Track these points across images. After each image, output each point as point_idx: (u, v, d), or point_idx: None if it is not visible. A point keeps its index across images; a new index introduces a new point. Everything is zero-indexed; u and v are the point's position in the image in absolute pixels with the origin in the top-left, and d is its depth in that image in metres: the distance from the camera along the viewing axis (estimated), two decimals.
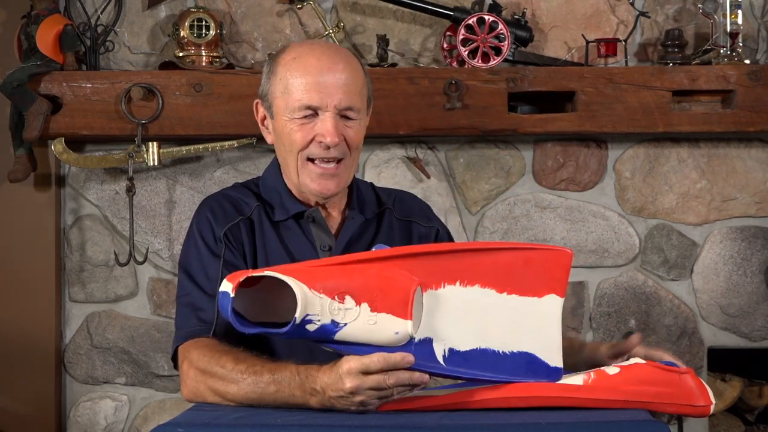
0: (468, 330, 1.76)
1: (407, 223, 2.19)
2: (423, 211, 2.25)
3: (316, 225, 2.09)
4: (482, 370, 1.75)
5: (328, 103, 2.00)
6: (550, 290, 1.79)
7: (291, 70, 2.02)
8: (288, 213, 2.09)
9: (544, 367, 1.78)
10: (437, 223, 2.24)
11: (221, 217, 2.08)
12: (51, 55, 2.93)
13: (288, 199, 2.11)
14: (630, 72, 2.99)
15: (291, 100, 2.01)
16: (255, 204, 2.11)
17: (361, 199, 2.15)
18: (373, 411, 1.74)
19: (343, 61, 2.03)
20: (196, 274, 2.04)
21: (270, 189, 2.13)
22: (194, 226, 2.10)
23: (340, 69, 2.01)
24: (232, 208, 2.10)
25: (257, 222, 2.09)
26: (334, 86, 2.00)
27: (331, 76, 2.00)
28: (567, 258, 1.80)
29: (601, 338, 3.16)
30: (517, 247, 1.84)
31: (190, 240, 2.10)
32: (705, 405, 1.81)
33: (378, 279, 1.72)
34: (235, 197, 2.12)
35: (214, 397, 1.88)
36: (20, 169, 2.98)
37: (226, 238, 2.05)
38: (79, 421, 3.13)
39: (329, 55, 2.03)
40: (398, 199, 2.23)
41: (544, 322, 1.79)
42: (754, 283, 3.17)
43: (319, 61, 2.01)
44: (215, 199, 2.13)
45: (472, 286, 1.77)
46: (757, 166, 3.17)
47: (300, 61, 2.02)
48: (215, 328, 1.98)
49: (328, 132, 2.00)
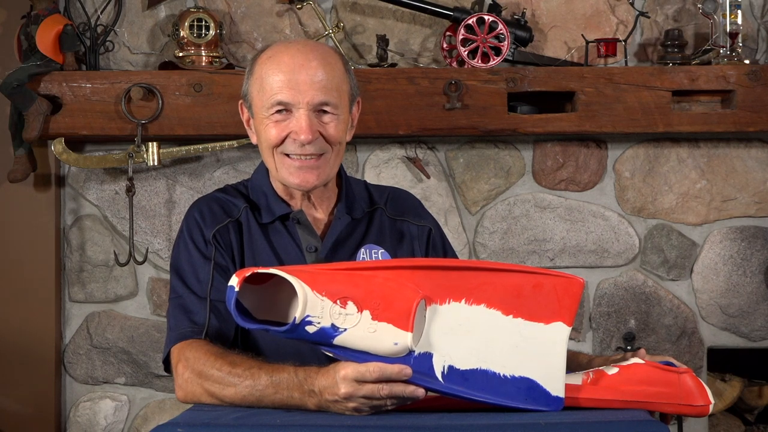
0: (469, 349, 1.74)
1: (399, 222, 2.18)
2: (415, 208, 2.23)
3: (302, 226, 2.08)
4: (480, 391, 1.73)
5: (300, 100, 2.00)
6: (558, 317, 1.77)
7: (265, 69, 2.04)
8: (274, 215, 2.09)
9: (545, 395, 1.76)
10: (429, 221, 2.22)
11: (210, 219, 2.08)
12: (51, 55, 2.93)
13: (274, 200, 2.11)
14: (630, 72, 2.99)
15: (265, 97, 2.03)
16: (243, 206, 2.11)
17: (351, 199, 2.14)
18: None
19: (318, 58, 2.03)
20: (187, 277, 2.05)
21: (257, 190, 2.14)
22: (184, 229, 2.10)
23: (314, 66, 2.01)
24: (220, 210, 2.10)
25: (245, 224, 2.09)
26: (306, 83, 2.00)
27: (303, 73, 2.01)
28: (578, 287, 1.79)
29: (601, 338, 3.16)
30: (528, 270, 1.82)
31: (180, 242, 2.10)
32: (704, 405, 1.81)
33: (382, 288, 1.72)
34: (224, 199, 2.13)
35: (211, 399, 1.88)
36: (20, 169, 2.98)
37: (215, 239, 2.06)
38: (78, 421, 3.13)
39: (304, 52, 2.03)
40: (391, 197, 2.21)
41: (549, 350, 1.77)
42: (754, 283, 3.17)
43: (292, 59, 2.02)
44: (204, 202, 2.14)
45: (478, 305, 1.75)
46: (756, 166, 3.17)
47: (274, 60, 2.03)
48: (207, 330, 1.98)
49: (301, 129, 2.01)
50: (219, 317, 1.98)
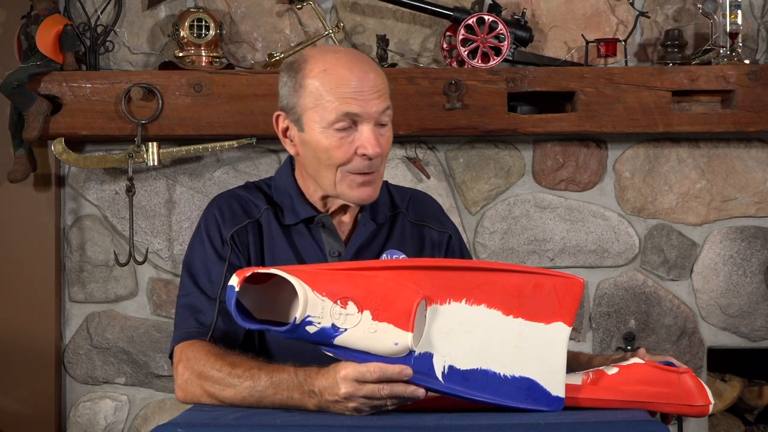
0: (470, 349, 1.74)
1: (420, 227, 2.17)
2: (437, 214, 2.22)
3: (326, 230, 2.07)
4: (481, 391, 1.73)
5: (368, 110, 1.97)
6: (558, 317, 1.77)
7: (324, 81, 1.99)
8: (298, 217, 2.07)
9: (545, 395, 1.76)
10: (450, 227, 2.21)
11: (229, 217, 2.07)
12: (51, 55, 2.93)
13: (299, 202, 2.08)
14: (630, 72, 2.99)
15: (327, 111, 1.98)
16: (264, 207, 2.09)
17: (375, 204, 2.12)
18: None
19: (372, 66, 2.02)
20: (199, 276, 2.04)
21: (281, 191, 2.11)
22: (202, 225, 2.08)
23: (372, 76, 1.99)
24: (240, 210, 2.08)
25: (266, 225, 2.07)
26: (370, 92, 1.98)
27: (366, 83, 1.98)
28: (578, 287, 1.79)
29: (601, 338, 3.16)
30: (528, 270, 1.81)
31: (196, 239, 2.08)
32: (704, 405, 1.81)
33: (383, 288, 1.72)
34: (245, 197, 2.10)
35: (211, 400, 1.88)
36: (20, 170, 2.98)
37: (232, 240, 2.04)
38: (78, 421, 3.13)
39: (358, 62, 2.00)
40: (413, 200, 2.20)
41: (549, 350, 1.77)
42: (754, 283, 3.17)
43: (351, 71, 1.98)
44: (225, 199, 2.11)
45: (478, 305, 1.75)
46: (756, 166, 3.17)
47: (333, 73, 1.99)
48: (213, 332, 1.98)
49: (370, 143, 1.97)
50: (227, 320, 1.96)
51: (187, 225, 3.12)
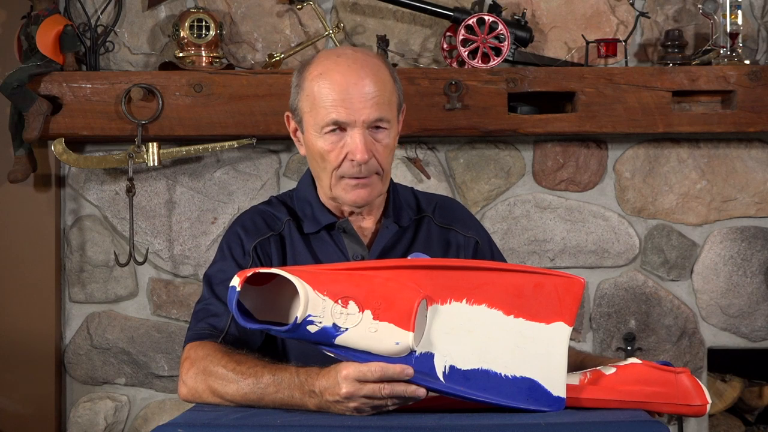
0: (471, 349, 1.74)
1: (446, 230, 2.16)
2: (464, 219, 2.20)
3: (348, 236, 2.07)
4: (482, 391, 1.73)
5: (356, 119, 1.97)
6: (559, 317, 1.77)
7: (317, 86, 1.99)
8: (319, 224, 2.08)
9: (546, 395, 1.75)
10: (476, 232, 2.19)
11: (252, 231, 2.08)
12: (51, 56, 2.93)
13: (319, 210, 2.09)
14: (630, 72, 2.99)
15: (319, 116, 1.99)
16: (286, 219, 2.09)
17: (398, 207, 2.12)
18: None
19: (369, 74, 1.99)
20: (216, 284, 2.04)
21: (302, 200, 2.12)
22: (224, 242, 2.10)
23: (366, 83, 1.97)
24: (263, 224, 2.09)
25: (288, 236, 2.08)
26: (360, 101, 1.97)
27: (357, 91, 1.97)
28: (579, 287, 1.78)
29: (602, 339, 3.16)
30: (529, 270, 1.81)
31: (218, 253, 2.10)
32: (701, 404, 1.81)
33: (384, 288, 1.71)
34: (268, 212, 2.11)
35: (213, 397, 1.88)
36: (20, 170, 2.98)
37: (254, 251, 2.05)
38: (79, 421, 3.13)
39: (355, 69, 1.99)
40: (440, 205, 2.19)
41: (550, 350, 1.76)
42: (754, 283, 3.17)
43: (344, 77, 1.97)
44: (248, 216, 2.12)
45: (479, 305, 1.75)
46: (757, 167, 3.17)
47: (326, 77, 1.98)
48: (225, 336, 1.98)
49: (357, 149, 1.97)
50: (241, 328, 1.95)
51: (187, 225, 3.12)
